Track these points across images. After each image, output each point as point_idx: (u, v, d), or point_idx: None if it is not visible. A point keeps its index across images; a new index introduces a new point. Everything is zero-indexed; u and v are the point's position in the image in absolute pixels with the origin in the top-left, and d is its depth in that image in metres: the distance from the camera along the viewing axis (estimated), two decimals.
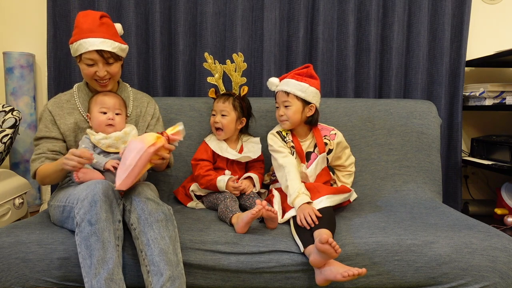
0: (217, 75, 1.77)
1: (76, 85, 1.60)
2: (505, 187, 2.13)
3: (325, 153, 1.65)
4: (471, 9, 2.18)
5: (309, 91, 1.59)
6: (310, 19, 2.17)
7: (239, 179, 1.68)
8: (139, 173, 1.28)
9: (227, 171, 1.69)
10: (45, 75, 2.22)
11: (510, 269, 1.32)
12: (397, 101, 2.01)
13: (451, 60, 2.21)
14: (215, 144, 1.71)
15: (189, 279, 1.32)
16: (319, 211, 1.39)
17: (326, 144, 1.65)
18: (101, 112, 1.47)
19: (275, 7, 2.11)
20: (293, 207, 1.45)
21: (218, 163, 1.71)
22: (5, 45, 2.23)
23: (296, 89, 1.58)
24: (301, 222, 1.37)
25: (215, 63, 1.76)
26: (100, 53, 1.43)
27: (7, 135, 1.87)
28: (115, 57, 1.48)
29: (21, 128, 2.14)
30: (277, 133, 1.65)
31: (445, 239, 1.35)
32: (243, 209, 1.57)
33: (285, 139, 1.63)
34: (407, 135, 1.93)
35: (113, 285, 1.15)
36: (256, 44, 2.16)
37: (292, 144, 1.63)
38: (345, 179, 1.75)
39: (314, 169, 1.62)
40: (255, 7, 2.15)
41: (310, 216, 1.36)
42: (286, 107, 1.60)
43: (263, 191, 1.73)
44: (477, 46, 2.30)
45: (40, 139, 1.50)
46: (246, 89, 1.76)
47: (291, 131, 1.66)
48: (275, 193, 1.61)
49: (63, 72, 2.13)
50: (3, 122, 1.90)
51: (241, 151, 1.74)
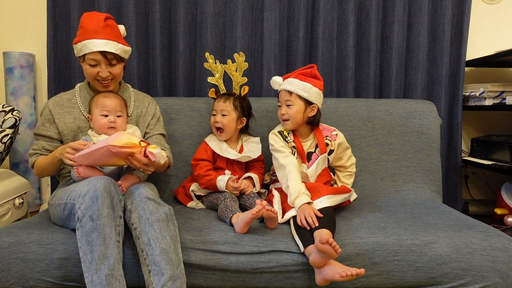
0: (217, 75, 1.77)
1: (78, 85, 1.62)
2: (505, 187, 2.13)
3: (326, 154, 1.65)
4: (471, 9, 2.18)
5: (312, 92, 1.59)
6: (310, 19, 2.17)
7: (239, 179, 1.68)
8: (96, 160, 1.32)
9: (227, 171, 1.69)
10: (45, 75, 2.22)
11: (510, 269, 1.32)
12: (397, 101, 2.01)
13: (451, 60, 2.21)
14: (215, 144, 1.71)
15: (189, 279, 1.32)
16: (319, 211, 1.39)
17: (327, 144, 1.65)
18: (103, 115, 1.47)
19: (275, 7, 2.11)
20: (293, 207, 1.46)
21: (218, 163, 1.71)
22: (5, 45, 2.23)
23: (299, 88, 1.58)
24: (301, 222, 1.37)
25: (215, 63, 1.76)
26: (103, 54, 1.46)
27: (7, 135, 1.87)
28: (118, 58, 1.50)
29: (21, 128, 2.14)
30: (279, 132, 1.65)
31: (445, 239, 1.35)
32: (243, 209, 1.57)
33: (287, 139, 1.63)
34: (407, 135, 1.93)
35: (114, 281, 1.16)
36: (256, 44, 2.16)
37: (293, 144, 1.62)
38: (345, 179, 1.75)
39: (315, 169, 1.62)
40: (255, 7, 2.15)
41: (310, 216, 1.36)
42: (288, 106, 1.60)
43: (263, 191, 1.73)
44: (477, 46, 2.30)
45: (38, 135, 1.55)
46: (246, 89, 1.76)
47: (293, 131, 1.66)
48: (275, 193, 1.61)
49: (63, 72, 2.13)
50: (3, 122, 1.90)
51: (241, 151, 1.74)
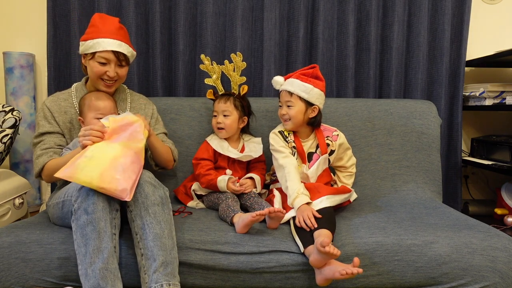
0: (214, 76, 1.76)
1: (74, 85, 1.61)
2: (505, 187, 2.13)
3: (327, 154, 1.65)
4: (471, 9, 2.18)
5: (313, 93, 1.58)
6: (310, 19, 2.17)
7: (240, 178, 1.68)
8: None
9: (228, 171, 1.69)
10: (45, 75, 2.22)
11: (510, 269, 1.32)
12: (397, 101, 2.01)
13: (451, 60, 2.21)
14: (216, 143, 1.71)
15: (189, 279, 1.32)
16: (319, 211, 1.39)
17: (328, 145, 1.65)
18: (97, 118, 1.45)
19: (275, 7, 2.11)
20: (293, 208, 1.45)
21: (219, 162, 1.71)
22: (5, 45, 2.23)
23: (300, 89, 1.58)
24: (300, 223, 1.37)
25: (212, 64, 1.75)
26: (116, 54, 1.48)
27: (7, 135, 1.87)
28: (127, 61, 1.53)
29: (21, 128, 2.14)
30: (279, 132, 1.65)
31: (445, 239, 1.35)
32: (244, 208, 1.57)
33: (287, 139, 1.63)
34: (407, 135, 1.93)
35: (108, 274, 1.16)
36: (256, 44, 2.16)
37: (293, 144, 1.62)
38: (346, 180, 1.75)
39: (315, 170, 1.62)
40: (255, 7, 2.15)
41: (309, 218, 1.36)
42: (288, 107, 1.60)
43: (263, 191, 1.73)
44: (477, 46, 2.30)
45: (43, 135, 1.49)
46: (246, 88, 1.75)
47: (293, 131, 1.66)
48: (276, 193, 1.61)
49: (63, 72, 2.13)
50: (3, 122, 1.90)
51: (242, 150, 1.73)
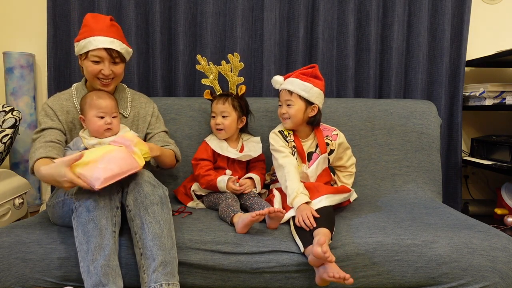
0: (212, 76, 1.75)
1: (74, 85, 1.60)
2: (505, 187, 2.13)
3: (326, 154, 1.65)
4: (471, 9, 2.18)
5: (313, 92, 1.59)
6: (310, 19, 2.17)
7: (239, 178, 1.68)
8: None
9: (228, 171, 1.69)
10: (45, 75, 2.22)
11: (510, 269, 1.32)
12: (397, 101, 2.01)
13: (451, 60, 2.21)
14: (215, 143, 1.71)
15: (189, 279, 1.32)
16: (318, 210, 1.39)
17: (327, 144, 1.65)
18: (99, 116, 1.45)
19: (275, 7, 2.11)
20: (293, 207, 1.46)
21: (219, 162, 1.71)
22: (5, 45, 2.23)
23: (299, 88, 1.58)
24: (299, 223, 1.37)
25: (209, 65, 1.75)
26: (108, 51, 1.47)
27: (7, 135, 1.87)
28: (122, 57, 1.52)
29: (21, 128, 2.14)
30: (279, 132, 1.65)
31: (445, 239, 1.35)
32: (244, 208, 1.57)
33: (287, 139, 1.63)
34: (407, 135, 1.93)
35: (110, 271, 1.17)
36: (256, 44, 2.16)
37: (293, 144, 1.62)
38: (345, 179, 1.75)
39: (315, 169, 1.62)
40: (255, 7, 2.14)
41: (308, 218, 1.36)
42: (288, 106, 1.60)
43: (263, 191, 1.73)
44: (477, 46, 2.30)
45: (43, 130, 1.45)
46: (244, 88, 1.74)
47: (293, 131, 1.66)
48: (276, 193, 1.61)
49: (63, 72, 2.13)
50: (3, 122, 1.90)
51: (241, 150, 1.73)
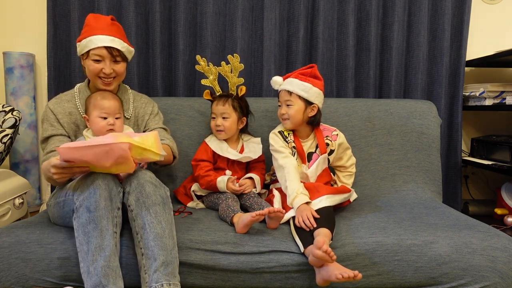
0: (211, 77, 1.75)
1: (77, 86, 1.61)
2: (505, 187, 2.13)
3: (326, 154, 1.65)
4: (471, 9, 2.18)
5: (312, 92, 1.59)
6: (310, 19, 2.17)
7: (239, 179, 1.68)
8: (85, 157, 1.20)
9: (227, 171, 1.69)
10: (45, 75, 2.22)
11: (510, 269, 1.32)
12: (397, 101, 2.01)
13: (451, 60, 2.21)
14: (215, 144, 1.71)
15: (189, 279, 1.32)
16: (319, 210, 1.39)
17: (327, 144, 1.65)
18: (101, 117, 1.46)
19: (275, 7, 2.11)
20: (293, 208, 1.45)
21: (218, 163, 1.71)
22: (5, 45, 2.23)
23: (299, 88, 1.58)
24: (299, 223, 1.37)
25: (208, 65, 1.75)
26: (109, 50, 1.47)
27: (7, 135, 1.87)
28: (123, 56, 1.52)
29: (21, 128, 2.14)
30: (279, 132, 1.65)
31: (445, 239, 1.35)
32: (243, 208, 1.57)
33: (287, 139, 1.63)
34: (407, 135, 1.93)
35: (110, 272, 1.17)
36: (256, 44, 2.16)
37: (293, 144, 1.62)
38: (345, 179, 1.75)
39: (315, 169, 1.62)
40: (255, 7, 2.14)
41: (308, 218, 1.36)
42: (288, 106, 1.60)
43: (263, 191, 1.73)
44: (477, 46, 2.30)
45: (47, 139, 1.49)
46: (244, 89, 1.74)
47: (293, 131, 1.66)
48: (276, 193, 1.61)
49: (63, 72, 2.13)
50: (3, 122, 1.90)
51: (241, 151, 1.73)
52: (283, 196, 1.57)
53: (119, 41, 1.49)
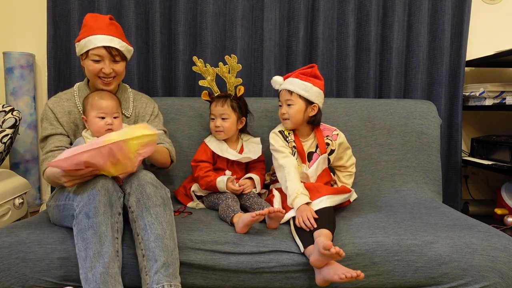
0: (209, 78, 1.74)
1: (76, 85, 1.60)
2: (505, 187, 2.13)
3: (326, 154, 1.65)
4: (471, 9, 2.17)
5: (313, 91, 1.59)
6: (310, 19, 2.17)
7: (239, 179, 1.68)
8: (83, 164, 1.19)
9: (227, 172, 1.69)
10: (45, 75, 2.22)
11: (510, 269, 1.32)
12: (397, 101, 2.01)
13: (451, 60, 2.21)
14: (215, 144, 1.71)
15: (189, 279, 1.32)
16: (319, 211, 1.39)
17: (328, 144, 1.65)
18: (99, 117, 1.45)
19: (275, 7, 2.11)
20: (293, 208, 1.45)
21: (218, 163, 1.71)
22: (5, 45, 2.23)
23: (299, 88, 1.58)
24: (300, 224, 1.37)
25: (205, 66, 1.74)
26: (108, 49, 1.46)
27: (7, 135, 1.87)
28: (122, 56, 1.51)
29: (21, 128, 2.14)
30: (279, 132, 1.65)
31: (445, 239, 1.35)
32: (243, 208, 1.57)
33: (287, 139, 1.63)
34: (407, 135, 1.93)
35: (109, 279, 1.16)
36: (256, 44, 2.16)
37: (293, 144, 1.62)
38: (345, 179, 1.75)
39: (315, 169, 1.62)
40: (255, 7, 2.14)
41: (308, 219, 1.36)
42: (288, 105, 1.60)
43: (263, 191, 1.73)
44: (477, 46, 2.30)
45: (46, 138, 1.49)
46: (242, 89, 1.73)
47: (293, 131, 1.66)
48: (276, 193, 1.61)
49: (63, 72, 2.13)
50: (3, 122, 1.90)
51: (241, 151, 1.73)
52: (283, 196, 1.57)
53: (118, 41, 1.49)
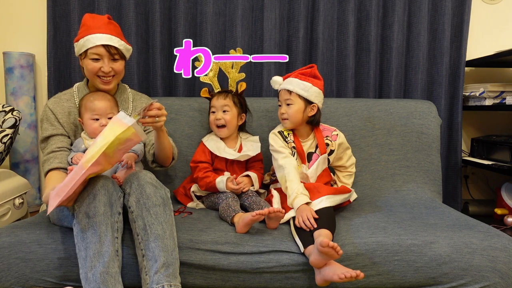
0: (211, 73, 1.74)
1: (76, 85, 1.60)
2: (505, 187, 2.13)
3: (326, 154, 1.65)
4: (471, 9, 2.18)
5: (312, 91, 1.59)
6: (310, 19, 2.17)
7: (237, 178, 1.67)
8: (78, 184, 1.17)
9: (226, 173, 1.68)
10: (45, 75, 2.22)
11: (510, 269, 1.32)
12: (397, 101, 2.01)
13: (451, 60, 2.21)
14: (212, 144, 1.70)
15: (189, 279, 1.32)
16: (319, 211, 1.39)
17: (327, 144, 1.65)
18: (93, 118, 1.45)
19: (275, 7, 2.11)
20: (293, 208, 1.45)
21: (216, 164, 1.70)
22: (5, 45, 2.23)
23: (299, 88, 1.58)
24: (299, 224, 1.37)
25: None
26: (107, 48, 1.46)
27: (7, 135, 1.87)
28: (121, 54, 1.51)
29: (21, 128, 2.14)
30: (279, 132, 1.65)
31: (445, 239, 1.35)
32: (243, 208, 1.56)
33: (287, 139, 1.63)
34: (407, 135, 1.93)
35: (109, 278, 1.16)
36: (256, 44, 2.16)
37: (293, 144, 1.62)
38: (345, 179, 1.75)
39: (315, 169, 1.62)
40: (255, 7, 2.15)
41: (308, 219, 1.36)
42: (288, 105, 1.60)
43: (262, 191, 1.72)
44: (477, 46, 2.30)
45: (47, 139, 1.49)
46: (244, 85, 1.73)
47: (293, 131, 1.66)
48: (275, 193, 1.61)
49: (63, 72, 2.13)
50: (3, 122, 1.90)
51: (240, 150, 1.72)
52: (283, 196, 1.57)
53: (116, 39, 1.49)
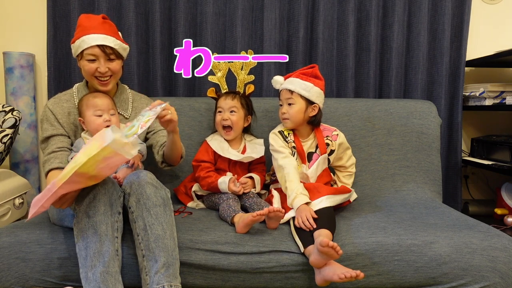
0: (220, 74, 1.74)
1: (75, 86, 1.60)
2: (505, 187, 2.13)
3: (326, 154, 1.65)
4: (471, 9, 2.18)
5: (313, 91, 1.59)
6: (310, 19, 2.17)
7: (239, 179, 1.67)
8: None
9: (228, 173, 1.68)
10: (45, 75, 2.22)
11: (510, 269, 1.32)
12: (397, 101, 2.01)
13: (451, 60, 2.21)
14: (216, 144, 1.70)
15: (189, 279, 1.32)
16: (319, 211, 1.39)
17: (328, 144, 1.65)
18: (96, 115, 1.45)
19: (275, 7, 2.11)
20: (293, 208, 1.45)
21: (219, 164, 1.70)
22: (5, 45, 2.23)
23: (300, 88, 1.58)
24: (299, 224, 1.37)
25: (219, 61, 1.74)
26: (102, 48, 1.46)
27: (7, 135, 1.87)
28: (117, 54, 1.50)
29: (21, 128, 2.13)
30: (279, 132, 1.65)
31: (445, 239, 1.35)
32: (243, 208, 1.57)
33: (287, 139, 1.63)
34: (407, 135, 1.93)
35: (109, 278, 1.16)
36: (256, 44, 2.16)
37: (293, 144, 1.62)
38: (345, 179, 1.75)
39: (315, 169, 1.62)
40: (255, 7, 2.14)
41: (307, 219, 1.36)
42: (289, 105, 1.60)
43: (263, 191, 1.73)
44: (477, 46, 2.30)
45: (47, 139, 1.49)
46: (252, 87, 1.74)
47: (293, 131, 1.66)
48: (275, 193, 1.61)
49: (63, 72, 2.13)
50: (3, 122, 1.90)
51: (244, 151, 1.72)
52: (283, 196, 1.57)
53: (111, 39, 1.48)
